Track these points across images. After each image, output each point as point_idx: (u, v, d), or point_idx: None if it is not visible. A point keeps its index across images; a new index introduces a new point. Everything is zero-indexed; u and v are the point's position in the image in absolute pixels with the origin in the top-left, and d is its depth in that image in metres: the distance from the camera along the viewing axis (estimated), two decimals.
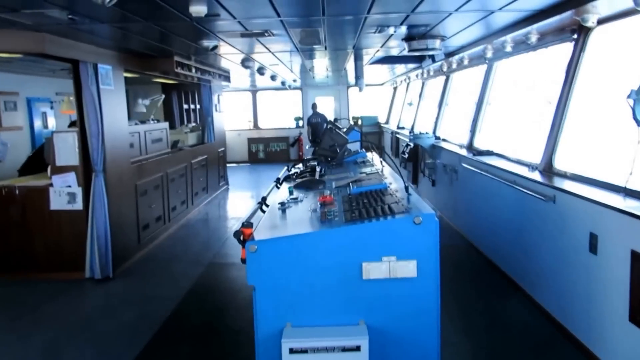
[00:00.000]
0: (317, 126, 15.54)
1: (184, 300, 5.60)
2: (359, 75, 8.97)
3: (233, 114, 19.34)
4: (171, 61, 7.51)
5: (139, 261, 7.01)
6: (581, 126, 5.00)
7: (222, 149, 12.46)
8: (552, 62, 5.75)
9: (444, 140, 9.46)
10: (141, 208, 7.19)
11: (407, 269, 2.95)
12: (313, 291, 2.96)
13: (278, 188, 5.12)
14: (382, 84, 18.16)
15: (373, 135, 18.39)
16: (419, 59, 9.87)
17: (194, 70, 8.58)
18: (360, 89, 9.13)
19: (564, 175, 4.63)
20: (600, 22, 4.31)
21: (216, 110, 11.87)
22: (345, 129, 9.00)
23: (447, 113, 10.05)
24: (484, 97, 7.54)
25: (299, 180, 5.04)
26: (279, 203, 3.88)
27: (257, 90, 18.53)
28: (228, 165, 17.96)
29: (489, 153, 6.64)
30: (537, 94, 6.02)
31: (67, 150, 6.28)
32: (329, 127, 7.20)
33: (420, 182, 10.39)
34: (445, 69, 9.67)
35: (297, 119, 18.64)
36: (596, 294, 3.78)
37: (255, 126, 18.86)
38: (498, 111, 7.34)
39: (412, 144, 9.87)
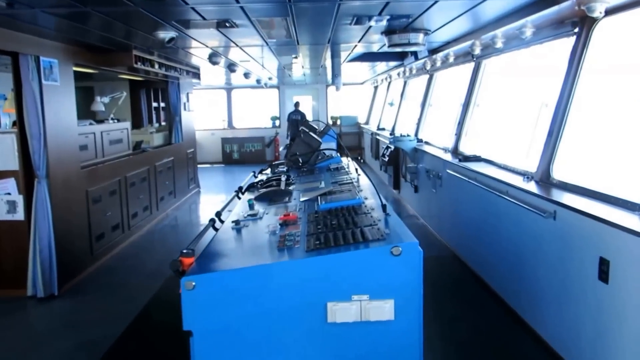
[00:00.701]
0: (297, 124, 15.18)
1: (136, 321, 4.92)
2: (336, 74, 8.37)
3: (206, 113, 18.64)
4: (129, 55, 6.82)
5: (91, 275, 6.30)
6: (584, 132, 4.45)
7: (192, 149, 11.75)
8: (548, 59, 5.21)
9: (426, 143, 8.90)
10: (94, 216, 6.48)
11: (383, 310, 2.36)
12: (266, 338, 2.36)
13: (239, 198, 4.50)
14: (362, 83, 17.59)
15: (352, 136, 17.85)
16: (401, 56, 9.30)
17: (157, 66, 7.88)
18: (337, 88, 8.55)
19: (564, 187, 4.07)
20: (609, 12, 3.75)
21: (185, 109, 11.16)
22: (320, 130, 8.41)
23: (430, 114, 9.51)
24: (471, 98, 6.99)
25: (262, 191, 4.42)
26: (233, 221, 3.25)
27: (232, 89, 17.83)
28: (201, 166, 17.28)
29: (476, 159, 6.09)
30: (531, 95, 5.46)
31: (5, 154, 5.55)
32: (301, 128, 6.60)
33: (402, 187, 9.83)
34: (428, 67, 9.12)
35: (273, 119, 17.98)
36: (607, 329, 3.22)
37: (230, 126, 18.15)
38: (487, 113, 6.79)
39: (392, 147, 9.30)
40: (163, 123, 11.88)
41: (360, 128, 17.38)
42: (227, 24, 4.77)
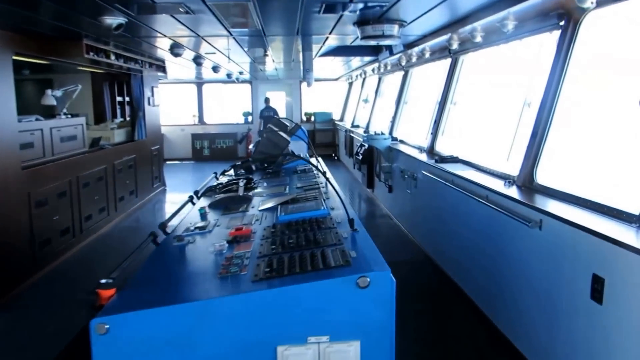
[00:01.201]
0: (269, 120, 14.71)
1: (77, 340, 4.39)
2: (307, 68, 7.92)
3: (176, 108, 18.01)
4: (79, 45, 6.25)
5: (33, 286, 5.72)
6: (571, 133, 4.10)
7: (157, 146, 11.14)
8: (531, 55, 4.85)
9: (401, 142, 8.53)
10: (37, 221, 5.90)
11: (346, 355, 1.94)
12: None
13: (193, 204, 4.02)
14: (336, 79, 17.17)
15: (327, 133, 17.43)
16: (376, 51, 8.91)
17: (113, 57, 7.31)
18: (309, 84, 8.09)
19: (550, 194, 3.71)
20: (602, 2, 3.39)
21: (150, 103, 10.56)
22: (290, 128, 7.95)
23: (405, 112, 9.14)
24: (448, 95, 6.62)
25: (219, 196, 3.95)
26: (175, 237, 2.78)
27: (203, 83, 17.19)
28: (170, 162, 16.71)
29: (453, 160, 5.72)
30: (513, 93, 5.10)
31: None
32: (267, 126, 6.14)
33: (377, 186, 9.45)
34: (403, 63, 8.74)
35: (246, 114, 17.42)
36: (600, 354, 2.86)
37: (201, 121, 17.53)
38: (465, 112, 6.42)
39: (366, 145, 8.90)
40: (128, 118, 11.27)
41: (335, 125, 16.96)
42: (181, 9, 4.26)
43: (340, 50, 8.93)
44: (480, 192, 4.40)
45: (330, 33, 6.13)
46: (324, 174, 4.30)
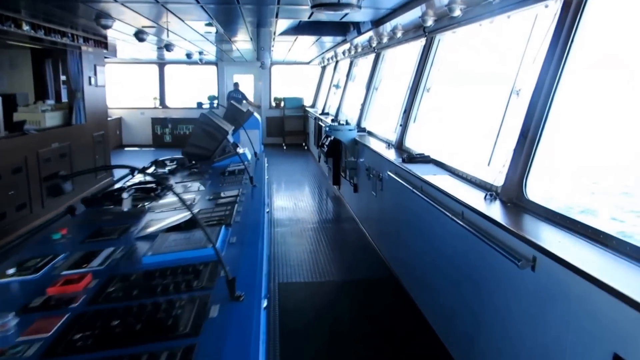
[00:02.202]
0: (238, 102, 13.77)
1: None
2: (262, 47, 6.85)
3: (136, 90, 16.83)
4: None
5: None
6: (576, 133, 3.14)
7: (101, 132, 9.96)
8: (522, 32, 3.87)
9: (369, 133, 7.54)
10: None
11: None
12: None
13: (72, 216, 3.00)
14: (308, 63, 16.07)
15: (297, 119, 16.37)
16: (344, 30, 7.87)
17: (27, 27, 6.15)
18: (264, 65, 7.01)
19: (545, 216, 2.76)
20: None
21: (91, 83, 9.36)
22: (244, 112, 6.92)
23: (377, 100, 8.15)
24: (421, 81, 5.64)
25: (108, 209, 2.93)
26: None
27: (165, 64, 15.95)
28: (128, 149, 15.51)
29: (424, 159, 4.76)
30: (499, 79, 4.13)
31: None
32: (201, 113, 5.10)
33: (343, 183, 8.46)
34: (374, 44, 7.73)
35: (211, 98, 16.18)
36: None
37: (162, 104, 16.30)
38: (441, 101, 5.44)
39: (331, 136, 7.89)
40: (64, 101, 10.06)
41: (306, 111, 15.89)
42: None
43: (304, 29, 7.88)
44: (454, 206, 3.44)
45: (278, 2, 5.07)
46: (251, 179, 3.31)
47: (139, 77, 16.82)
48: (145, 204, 3.05)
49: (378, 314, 4.39)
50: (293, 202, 8.48)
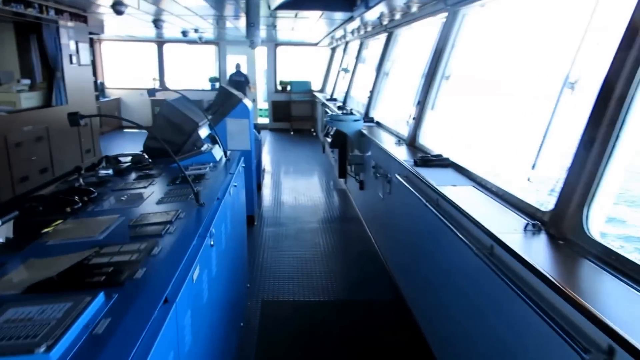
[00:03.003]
0: (240, 85, 13.83)
1: None
2: (252, 23, 5.93)
3: (135, 69, 16.03)
4: None
5: None
6: None
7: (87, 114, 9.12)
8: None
9: (378, 124, 6.63)
10: None
11: None
12: None
13: None
14: (316, 44, 15.07)
15: (305, 105, 15.45)
16: (351, 5, 6.91)
17: None
18: (252, 45, 6.09)
19: (622, 270, 1.86)
20: None
21: (72, 62, 8.52)
22: (232, 98, 6.03)
23: (389, 86, 7.22)
24: (439, 64, 4.70)
25: None
26: None
27: (164, 42, 15.06)
28: (127, 130, 14.74)
29: (441, 162, 3.86)
30: (545, 66, 3.19)
31: None
32: (165, 101, 4.24)
33: (349, 177, 7.56)
34: (386, 22, 6.78)
35: (212, 80, 15.34)
36: None
37: (162, 85, 15.44)
38: (464, 89, 4.52)
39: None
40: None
41: (314, 96, 14.94)
42: None
43: (304, 3, 6.94)
44: (480, 235, 2.55)
45: None
46: (196, 195, 2.44)
47: (138, 56, 15.97)
48: (53, 225, 2.20)
49: (379, 346, 3.54)
50: (293, 196, 7.62)
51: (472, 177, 3.42)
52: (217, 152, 3.69)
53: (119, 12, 7.09)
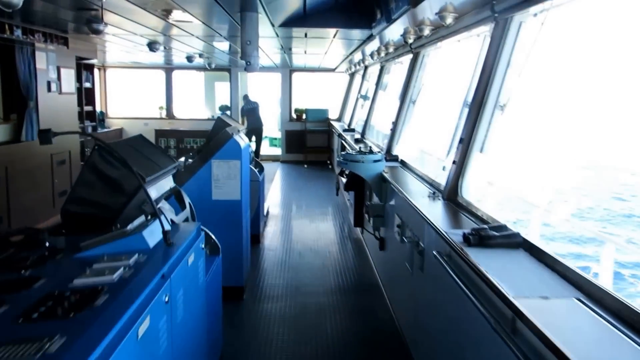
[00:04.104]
0: (254, 112, 13.52)
1: None
2: (249, 40, 4.74)
3: (141, 98, 15.20)
4: None
5: None
6: None
7: (66, 151, 8.01)
8: None
9: (403, 164, 5.35)
10: None
11: None
12: None
13: None
14: (334, 69, 13.93)
15: (321, 135, 14.26)
16: (369, 21, 5.70)
17: None
18: (248, 67, 4.88)
19: None
20: None
21: (51, 89, 7.46)
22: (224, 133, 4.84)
23: (415, 117, 5.94)
24: (490, 90, 3.41)
25: None
26: None
27: (173, 69, 14.10)
28: None
29: (507, 240, 2.51)
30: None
31: None
32: (95, 145, 3.01)
33: (366, 225, 6.23)
34: (411, 40, 5.53)
35: (223, 109, 14.26)
36: None
37: (169, 115, 14.44)
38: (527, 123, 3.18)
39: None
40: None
41: (331, 125, 13.73)
42: None
43: (315, 20, 5.76)
44: None
45: None
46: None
47: (144, 84, 15.13)
48: None
49: None
50: (299, 250, 6.29)
51: (567, 276, 2.08)
52: (154, 232, 2.39)
53: (95, 32, 5.98)
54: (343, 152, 5.13)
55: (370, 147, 5.46)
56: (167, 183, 3.30)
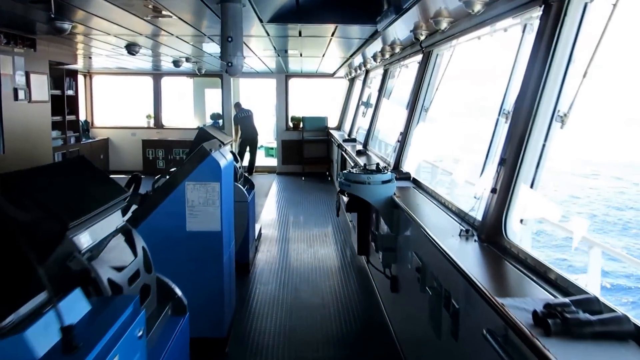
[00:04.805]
0: (248, 121, 12.53)
1: None
2: (230, 36, 3.91)
3: (129, 105, 14.44)
4: None
5: None
6: None
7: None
8: None
9: (416, 183, 4.50)
10: None
11: None
12: None
13: None
14: (332, 74, 13.11)
15: (319, 144, 13.41)
16: (372, 15, 4.86)
17: None
18: (231, 72, 4.05)
19: None
20: None
21: (18, 97, 6.62)
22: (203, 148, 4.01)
23: (429, 128, 5.10)
24: (541, 95, 2.56)
25: None
26: None
27: (162, 75, 13.28)
28: (115, 176, 12.85)
29: (606, 325, 1.64)
30: None
31: None
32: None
33: (372, 255, 5.35)
34: (422, 38, 4.71)
35: (214, 117, 13.41)
36: None
37: (157, 124, 13.60)
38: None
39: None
40: None
41: (329, 135, 12.89)
42: None
43: (309, 14, 4.92)
44: None
45: None
46: None
47: (132, 91, 14.33)
48: None
49: None
50: (294, 285, 5.39)
51: None
52: (50, 326, 1.51)
53: (59, 30, 5.20)
54: (344, 171, 4.26)
55: (378, 163, 4.59)
56: (111, 222, 2.45)
